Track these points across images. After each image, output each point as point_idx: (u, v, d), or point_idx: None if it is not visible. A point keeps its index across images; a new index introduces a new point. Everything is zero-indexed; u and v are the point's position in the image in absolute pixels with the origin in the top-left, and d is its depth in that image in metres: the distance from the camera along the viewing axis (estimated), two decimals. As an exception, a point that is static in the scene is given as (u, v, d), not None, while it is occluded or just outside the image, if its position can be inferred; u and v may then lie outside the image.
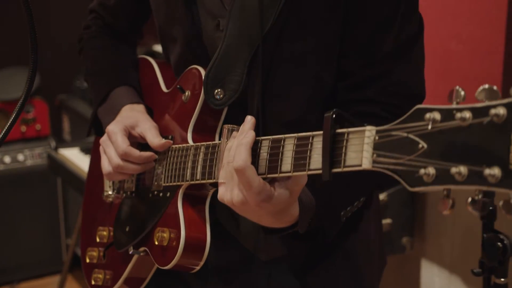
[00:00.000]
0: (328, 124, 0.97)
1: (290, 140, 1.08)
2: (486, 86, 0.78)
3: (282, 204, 1.13)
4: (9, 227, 3.74)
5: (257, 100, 1.35)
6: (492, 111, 0.75)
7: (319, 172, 1.00)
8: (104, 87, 1.58)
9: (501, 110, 0.75)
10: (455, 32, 2.14)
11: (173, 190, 1.38)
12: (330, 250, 1.44)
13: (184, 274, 1.52)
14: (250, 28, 1.31)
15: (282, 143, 1.09)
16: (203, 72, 1.37)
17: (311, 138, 1.04)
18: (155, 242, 1.38)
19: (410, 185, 0.84)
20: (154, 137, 1.42)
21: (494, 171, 0.75)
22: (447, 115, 0.81)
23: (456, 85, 0.85)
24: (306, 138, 1.06)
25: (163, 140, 1.42)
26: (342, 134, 0.97)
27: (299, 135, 1.08)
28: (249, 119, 1.16)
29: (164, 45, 1.55)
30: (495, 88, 0.77)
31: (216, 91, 1.35)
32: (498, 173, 0.75)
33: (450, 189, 0.82)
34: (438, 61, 2.16)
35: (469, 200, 0.79)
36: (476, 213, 0.78)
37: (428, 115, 0.82)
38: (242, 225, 1.43)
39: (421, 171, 0.82)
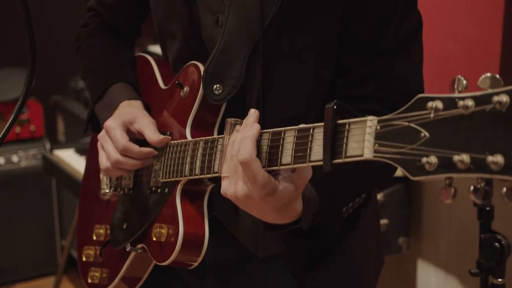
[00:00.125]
0: (330, 115, 0.97)
1: (290, 133, 1.08)
2: (489, 74, 0.78)
3: (286, 198, 1.12)
4: (3, 229, 3.72)
5: (255, 95, 1.35)
6: (495, 98, 0.75)
7: (320, 163, 0.99)
8: (101, 84, 1.58)
9: (503, 98, 0.75)
10: (452, 32, 2.15)
11: (171, 186, 1.38)
12: (327, 248, 1.44)
13: (181, 271, 1.52)
14: (250, 24, 1.32)
15: (282, 135, 1.09)
16: (202, 68, 1.37)
17: (311, 129, 1.04)
18: (153, 238, 1.38)
19: (412, 174, 0.84)
20: (152, 133, 1.42)
21: (497, 158, 0.75)
22: (449, 103, 0.81)
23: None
24: (307, 130, 1.06)
25: (161, 136, 1.42)
26: (343, 125, 0.97)
27: (300, 127, 1.08)
28: (253, 112, 1.15)
29: (163, 42, 1.55)
30: (497, 76, 0.78)
31: (215, 86, 1.35)
32: (501, 160, 0.75)
33: (452, 178, 0.82)
34: (435, 61, 2.17)
35: (471, 189, 0.78)
36: (478, 201, 0.78)
37: (430, 104, 0.82)
38: (240, 222, 1.43)
39: (423, 159, 0.82)
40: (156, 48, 3.20)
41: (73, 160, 3.23)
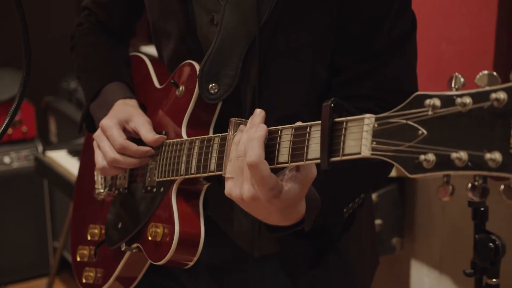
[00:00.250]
0: (327, 112, 0.97)
1: (287, 131, 1.08)
2: (486, 72, 0.78)
3: (292, 200, 1.11)
4: (-5, 230, 3.72)
5: (250, 94, 1.35)
6: (492, 95, 0.76)
7: (317, 161, 0.99)
8: (96, 83, 1.57)
9: (501, 95, 0.75)
10: (446, 33, 2.16)
11: (167, 185, 1.38)
12: (322, 248, 1.44)
13: (176, 271, 1.52)
14: (245, 22, 1.32)
15: (278, 133, 1.09)
16: (197, 67, 1.37)
17: (308, 128, 1.04)
18: (149, 237, 1.37)
19: (409, 172, 0.84)
20: (148, 132, 1.42)
21: (495, 155, 0.75)
22: (447, 101, 0.81)
23: (446, 86, 0.86)
24: (304, 128, 1.06)
25: (157, 135, 1.41)
26: (341, 123, 0.97)
27: (296, 125, 1.08)
28: (258, 112, 1.13)
29: (158, 41, 1.55)
30: (494, 74, 0.78)
31: (211, 85, 1.35)
32: (499, 157, 0.75)
33: (449, 175, 0.82)
34: (429, 62, 2.18)
35: (469, 186, 0.79)
36: (476, 198, 0.78)
37: (428, 102, 0.82)
38: (235, 222, 1.43)
39: (421, 157, 0.82)
40: (149, 49, 3.19)
41: (65, 161, 3.22)
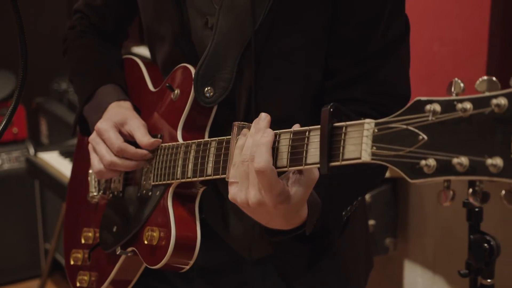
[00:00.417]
0: (326, 117, 0.97)
1: (285, 135, 1.08)
2: (486, 77, 0.79)
3: (297, 204, 1.10)
4: (-14, 232, 3.69)
5: (245, 97, 1.35)
6: (493, 101, 0.76)
7: (317, 166, 0.99)
8: (90, 85, 1.57)
9: (502, 100, 0.76)
10: (438, 34, 2.16)
11: (163, 189, 1.37)
12: (317, 251, 1.44)
13: (170, 275, 1.51)
14: (240, 26, 1.31)
15: (277, 138, 1.09)
16: (192, 70, 1.37)
17: (307, 132, 1.04)
18: (144, 241, 1.37)
19: (410, 177, 0.84)
20: (143, 136, 1.41)
21: (496, 161, 0.76)
22: (447, 106, 0.81)
23: (439, 88, 0.86)
24: (302, 132, 1.05)
25: (152, 139, 1.41)
26: (340, 127, 0.97)
27: (295, 130, 1.07)
28: (264, 117, 1.12)
29: (151, 45, 1.54)
30: (494, 79, 0.78)
31: (206, 89, 1.35)
32: (500, 163, 0.76)
33: (450, 180, 0.82)
34: (421, 63, 2.18)
35: (470, 191, 0.79)
36: (477, 203, 0.79)
37: (428, 107, 0.82)
38: (230, 225, 1.43)
39: (422, 162, 0.82)
40: (140, 50, 3.19)
41: (57, 163, 3.21)
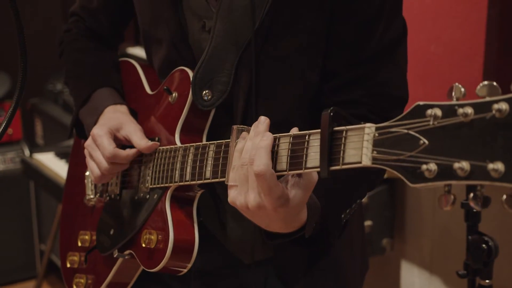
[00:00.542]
0: (326, 121, 0.97)
1: (285, 139, 1.08)
2: (486, 83, 0.79)
3: (296, 207, 1.10)
4: (-19, 233, 3.68)
5: (242, 100, 1.34)
6: (494, 106, 0.76)
7: (317, 170, 0.99)
8: (86, 88, 1.56)
9: (503, 105, 0.76)
10: (435, 35, 2.16)
11: (160, 192, 1.37)
12: (314, 253, 1.44)
13: (167, 278, 1.51)
14: (238, 29, 1.31)
15: (276, 142, 1.09)
16: (190, 73, 1.37)
17: (307, 136, 1.04)
18: (142, 244, 1.36)
19: (411, 182, 0.84)
20: (141, 139, 1.41)
21: (497, 166, 0.76)
22: (448, 111, 0.81)
23: (435, 88, 0.86)
24: (302, 136, 1.05)
25: (150, 142, 1.41)
26: (340, 131, 0.97)
27: (294, 133, 1.07)
28: (263, 120, 1.12)
29: (148, 48, 1.54)
30: (495, 84, 0.78)
31: (204, 92, 1.34)
32: (501, 167, 0.76)
33: (451, 185, 0.82)
34: (418, 64, 2.18)
35: (470, 196, 0.79)
36: (478, 208, 0.78)
37: (429, 112, 0.82)
38: (228, 228, 1.42)
39: (423, 167, 0.82)
40: (135, 50, 3.18)
41: (53, 164, 3.20)
